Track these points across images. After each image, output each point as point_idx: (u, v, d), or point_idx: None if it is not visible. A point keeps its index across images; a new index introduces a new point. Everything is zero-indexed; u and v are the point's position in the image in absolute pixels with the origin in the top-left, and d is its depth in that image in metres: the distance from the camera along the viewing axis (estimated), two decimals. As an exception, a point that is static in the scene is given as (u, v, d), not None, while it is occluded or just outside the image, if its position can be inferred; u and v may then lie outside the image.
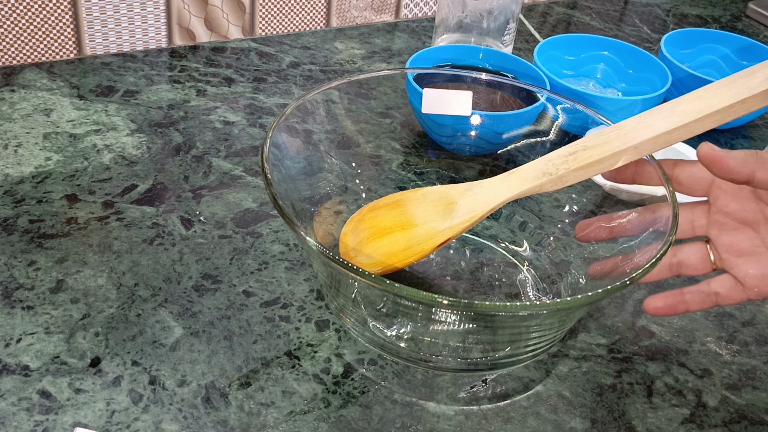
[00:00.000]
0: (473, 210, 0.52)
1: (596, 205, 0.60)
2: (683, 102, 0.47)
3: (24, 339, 0.51)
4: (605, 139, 0.48)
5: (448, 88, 0.64)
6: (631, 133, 0.47)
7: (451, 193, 0.53)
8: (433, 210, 0.53)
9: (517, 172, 0.51)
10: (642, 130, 0.47)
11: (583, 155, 0.48)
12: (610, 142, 0.48)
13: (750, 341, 0.57)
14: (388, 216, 0.55)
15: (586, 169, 0.48)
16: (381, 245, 0.54)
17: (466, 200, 0.52)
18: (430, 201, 0.54)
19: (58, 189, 0.63)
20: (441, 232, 0.52)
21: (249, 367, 0.50)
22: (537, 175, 0.50)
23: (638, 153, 0.48)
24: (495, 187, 0.51)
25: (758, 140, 0.81)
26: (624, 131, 0.48)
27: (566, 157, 0.49)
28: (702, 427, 0.50)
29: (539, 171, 0.50)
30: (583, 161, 0.48)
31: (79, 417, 0.46)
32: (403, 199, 0.55)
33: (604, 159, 0.48)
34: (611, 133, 0.48)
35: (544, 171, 0.49)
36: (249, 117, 0.75)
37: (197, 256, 0.58)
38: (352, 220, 0.56)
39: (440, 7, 0.80)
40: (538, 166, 0.50)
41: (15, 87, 0.76)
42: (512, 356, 0.51)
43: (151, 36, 0.84)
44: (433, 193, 0.54)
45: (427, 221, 0.53)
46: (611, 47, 0.84)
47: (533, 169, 0.50)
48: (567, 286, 0.57)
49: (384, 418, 0.48)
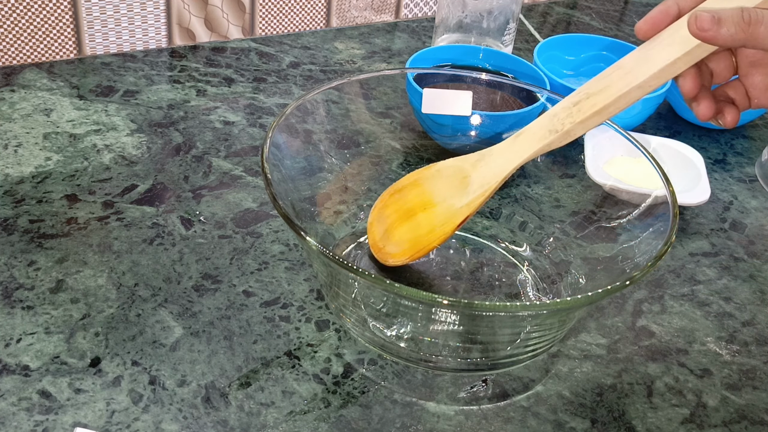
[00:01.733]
0: (487, 182, 0.52)
1: (596, 205, 0.60)
2: (682, 27, 0.44)
3: (24, 339, 0.51)
4: (607, 83, 0.46)
5: (448, 88, 0.64)
6: (632, 72, 0.45)
7: (464, 166, 0.53)
8: (450, 185, 0.53)
9: (524, 134, 0.50)
10: (643, 66, 0.45)
11: (587, 104, 0.47)
12: (613, 84, 0.46)
13: (750, 341, 0.57)
14: (409, 197, 0.55)
15: (593, 118, 0.47)
16: (407, 230, 0.54)
17: (478, 172, 0.52)
18: (445, 177, 0.54)
19: (58, 189, 0.63)
20: (459, 210, 0.52)
21: (249, 367, 0.50)
22: (544, 134, 0.49)
23: (643, 91, 0.46)
24: (505, 154, 0.51)
25: (758, 140, 0.81)
26: (625, 70, 0.46)
27: (570, 109, 0.47)
28: (702, 427, 0.50)
29: (545, 129, 0.49)
30: (588, 111, 0.47)
31: (79, 417, 0.46)
32: (420, 178, 0.55)
33: (609, 105, 0.46)
34: (612, 75, 0.46)
35: (551, 128, 0.48)
36: (249, 117, 0.75)
37: (197, 256, 0.58)
38: (376, 208, 0.57)
39: (440, 7, 0.80)
40: (543, 124, 0.49)
41: (15, 87, 0.76)
42: (512, 356, 0.51)
43: (151, 36, 0.84)
44: (447, 168, 0.54)
45: (446, 198, 0.53)
46: (611, 47, 0.84)
47: (540, 127, 0.49)
48: (567, 286, 0.57)
49: (384, 418, 0.48)
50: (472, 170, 0.52)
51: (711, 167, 0.75)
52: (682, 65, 0.44)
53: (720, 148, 0.79)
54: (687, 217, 0.68)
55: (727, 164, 0.76)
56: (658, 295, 0.60)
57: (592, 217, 0.59)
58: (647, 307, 0.58)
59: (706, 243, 0.66)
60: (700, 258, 0.64)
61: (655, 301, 0.59)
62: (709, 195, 0.65)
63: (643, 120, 0.77)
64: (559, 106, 0.48)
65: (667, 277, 0.61)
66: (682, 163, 0.68)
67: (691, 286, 0.61)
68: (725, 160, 0.77)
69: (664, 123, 0.82)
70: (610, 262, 0.55)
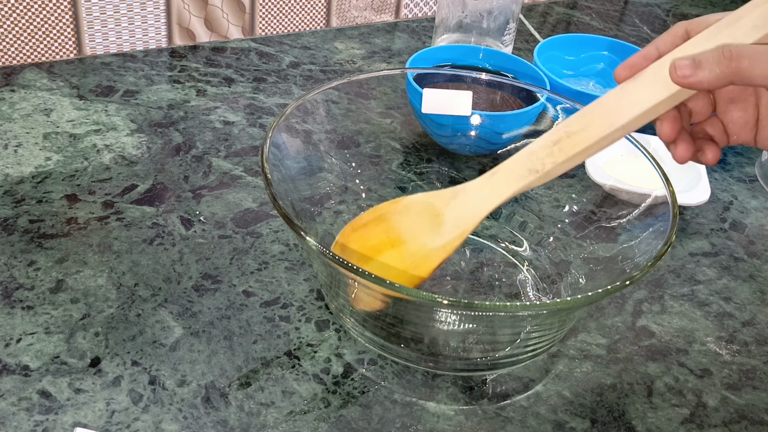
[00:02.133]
0: (463, 223, 0.49)
1: (596, 205, 0.60)
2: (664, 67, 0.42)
3: (24, 339, 0.51)
4: (588, 121, 0.45)
5: (448, 88, 0.64)
6: (614, 112, 0.44)
7: (435, 203, 0.50)
8: (420, 222, 0.50)
9: (500, 172, 0.48)
10: (626, 107, 0.43)
11: (568, 144, 0.45)
12: (594, 124, 0.44)
13: (750, 341, 0.57)
14: (374, 233, 0.52)
15: (574, 159, 0.45)
16: (373, 268, 0.49)
17: (453, 211, 0.49)
18: (414, 213, 0.51)
19: (58, 189, 0.63)
20: (434, 251, 0.49)
21: (249, 367, 0.50)
22: (523, 173, 0.47)
23: (625, 132, 0.44)
24: (481, 192, 0.49)
25: (758, 140, 0.81)
26: (606, 109, 0.44)
27: (551, 149, 0.45)
28: (702, 427, 0.50)
29: (525, 168, 0.46)
30: (570, 152, 0.45)
31: (79, 417, 0.46)
32: (385, 214, 0.52)
33: (590, 146, 0.44)
34: (594, 113, 0.45)
35: (530, 167, 0.46)
36: (249, 117, 0.75)
37: (197, 256, 0.58)
38: (337, 244, 0.53)
39: (440, 7, 0.80)
40: (522, 163, 0.47)
41: (15, 87, 0.76)
42: (512, 356, 0.51)
43: (151, 36, 0.84)
44: (415, 204, 0.51)
45: (416, 236, 0.50)
46: (611, 47, 0.84)
47: (518, 166, 0.47)
48: (567, 286, 0.57)
49: (384, 418, 0.48)
50: (445, 208, 0.50)
51: (711, 167, 0.75)
52: (665, 107, 0.43)
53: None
54: (687, 217, 0.68)
55: (727, 164, 0.76)
56: (658, 295, 0.60)
57: (592, 217, 0.59)
58: (647, 307, 0.58)
59: (706, 243, 0.66)
60: (700, 258, 0.64)
61: (655, 301, 0.59)
62: (709, 195, 0.65)
63: (643, 120, 0.77)
64: (537, 143, 0.46)
65: (667, 277, 0.61)
66: (682, 163, 0.68)
67: (691, 286, 0.61)
68: (725, 160, 0.77)
69: (664, 123, 0.82)
70: (610, 262, 0.55)
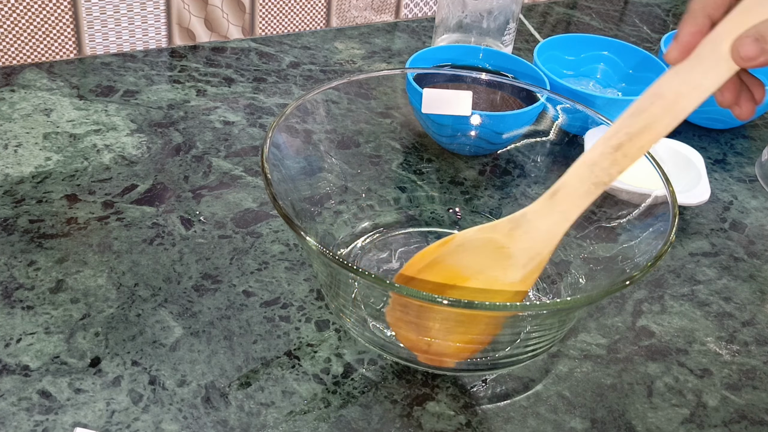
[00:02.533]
0: (537, 252, 0.45)
1: (596, 205, 0.60)
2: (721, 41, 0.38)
3: (24, 339, 0.51)
4: (650, 119, 0.40)
5: (448, 88, 0.64)
6: (678, 103, 0.40)
7: (496, 237, 0.46)
8: (483, 257, 0.46)
9: (563, 190, 0.43)
10: (689, 95, 0.39)
11: (632, 148, 0.41)
12: (658, 120, 0.40)
13: (750, 341, 0.57)
14: (434, 276, 0.47)
15: (637, 159, 0.41)
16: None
17: (520, 243, 0.46)
18: (473, 249, 0.47)
19: (58, 189, 0.63)
20: (512, 285, 0.46)
21: (249, 367, 0.50)
22: (588, 188, 0.43)
23: (680, 119, 0.40)
24: (547, 218, 0.44)
25: (758, 140, 0.81)
26: (668, 101, 0.40)
27: (613, 156, 0.41)
28: (702, 427, 0.50)
29: (588, 182, 0.43)
30: (636, 156, 0.41)
31: (79, 417, 0.46)
32: (438, 257, 0.47)
33: (654, 142, 0.41)
34: (653, 106, 0.40)
35: (595, 181, 0.42)
36: (249, 117, 0.75)
37: (197, 256, 0.58)
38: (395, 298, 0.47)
39: (440, 7, 0.80)
40: (585, 177, 0.43)
41: (15, 87, 0.76)
42: (512, 356, 0.51)
43: (151, 36, 0.84)
44: (472, 241, 0.47)
45: (482, 270, 0.46)
46: (611, 47, 0.84)
47: (581, 182, 0.43)
48: (567, 286, 0.57)
49: (384, 418, 0.48)
50: (508, 241, 0.46)
51: (711, 167, 0.75)
52: (725, 81, 0.39)
53: (720, 148, 0.79)
54: (687, 217, 0.68)
55: (727, 164, 0.76)
56: (658, 295, 0.60)
57: (592, 217, 0.59)
58: (647, 307, 0.58)
59: (706, 243, 0.66)
60: (700, 258, 0.64)
61: (655, 301, 0.59)
62: (709, 195, 0.65)
63: (643, 120, 0.77)
64: (596, 151, 0.42)
65: (667, 277, 0.61)
66: (682, 163, 0.68)
67: (691, 286, 0.61)
68: (725, 160, 0.77)
69: (664, 123, 0.82)
70: (610, 262, 0.55)
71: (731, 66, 0.38)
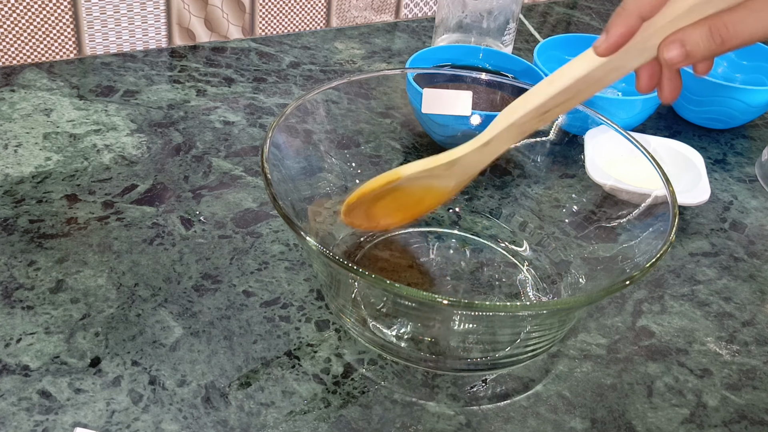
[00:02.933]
0: (469, 176, 0.53)
1: (596, 205, 0.60)
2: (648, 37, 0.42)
3: (24, 339, 0.51)
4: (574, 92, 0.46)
5: (448, 88, 0.64)
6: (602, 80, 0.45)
7: (436, 172, 0.52)
8: (422, 181, 0.53)
9: (495, 142, 0.50)
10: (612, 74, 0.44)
11: (555, 111, 0.47)
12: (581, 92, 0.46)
13: (750, 341, 0.57)
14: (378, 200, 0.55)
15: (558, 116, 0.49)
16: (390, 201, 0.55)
17: (455, 172, 0.53)
18: (415, 180, 0.53)
19: (58, 189, 0.63)
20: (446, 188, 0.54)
21: (249, 367, 0.50)
22: (516, 137, 0.50)
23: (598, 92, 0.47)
24: (479, 157, 0.51)
25: (758, 140, 0.81)
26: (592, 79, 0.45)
27: (541, 116, 0.48)
28: (702, 427, 0.50)
29: (517, 133, 0.49)
30: (558, 114, 0.49)
31: (79, 417, 0.46)
32: (384, 192, 0.54)
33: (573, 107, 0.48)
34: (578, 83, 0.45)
35: (521, 132, 0.49)
36: (249, 117, 0.75)
37: (197, 256, 0.58)
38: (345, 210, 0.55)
39: (440, 7, 0.80)
40: (515, 131, 0.49)
41: (15, 87, 0.76)
42: (512, 356, 0.51)
43: (151, 36, 0.84)
44: (415, 178, 0.53)
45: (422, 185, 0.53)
46: (611, 47, 0.84)
47: (511, 134, 0.49)
48: (567, 286, 0.57)
49: (384, 418, 0.48)
50: (446, 173, 0.53)
51: (711, 167, 0.75)
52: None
53: (720, 148, 0.79)
54: (687, 217, 0.68)
55: (727, 164, 0.76)
56: (658, 295, 0.60)
57: (592, 217, 0.59)
58: (647, 307, 0.58)
59: (706, 243, 0.66)
60: (700, 258, 0.64)
61: (655, 301, 0.59)
62: (709, 195, 0.65)
63: (643, 120, 0.77)
64: (526, 115, 0.47)
65: (667, 277, 0.61)
66: (682, 163, 0.68)
67: (691, 286, 0.61)
68: (725, 160, 0.77)
69: (664, 123, 0.82)
70: (610, 262, 0.55)
71: (653, 55, 0.42)
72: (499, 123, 0.49)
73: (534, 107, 0.47)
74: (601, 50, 0.43)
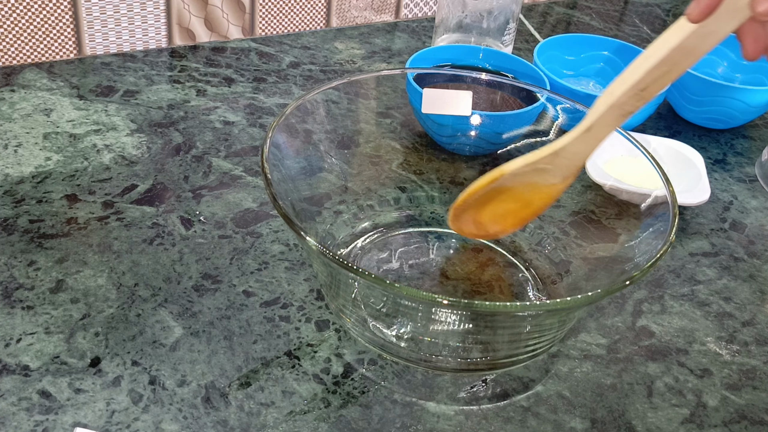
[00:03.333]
0: (576, 167, 0.51)
1: (596, 205, 0.60)
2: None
3: (24, 339, 0.51)
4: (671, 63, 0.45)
5: (448, 88, 0.64)
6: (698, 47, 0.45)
7: (540, 166, 0.52)
8: (527, 177, 0.52)
9: (597, 126, 0.49)
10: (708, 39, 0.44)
11: (654, 87, 0.46)
12: (678, 64, 0.45)
13: (750, 341, 0.57)
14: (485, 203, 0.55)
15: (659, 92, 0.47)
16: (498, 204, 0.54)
17: (560, 164, 0.51)
18: (521, 175, 0.53)
19: (58, 189, 0.63)
20: (554, 185, 0.53)
21: (249, 367, 0.50)
22: (618, 119, 0.48)
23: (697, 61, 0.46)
24: (583, 145, 0.50)
25: (758, 140, 0.81)
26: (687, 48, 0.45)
27: (639, 94, 0.46)
28: (702, 427, 0.50)
29: (618, 114, 0.48)
30: (658, 90, 0.46)
31: (79, 417, 0.46)
32: (488, 193, 0.54)
33: (674, 80, 0.46)
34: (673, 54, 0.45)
35: (623, 113, 0.48)
36: (249, 117, 0.75)
37: (197, 256, 0.58)
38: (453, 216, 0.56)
39: (440, 7, 0.80)
40: (616, 112, 0.48)
41: (15, 87, 0.76)
42: (512, 356, 0.51)
43: (151, 36, 0.84)
44: (518, 174, 0.52)
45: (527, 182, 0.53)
46: (611, 47, 0.84)
47: (612, 116, 0.48)
48: (567, 286, 0.57)
49: (384, 418, 0.48)
50: (551, 166, 0.52)
51: (711, 167, 0.75)
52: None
53: (720, 148, 0.79)
54: (687, 217, 0.68)
55: (727, 164, 0.76)
56: (658, 295, 0.60)
57: (592, 217, 0.59)
58: (647, 307, 0.58)
59: (706, 243, 0.66)
60: (700, 258, 0.64)
61: (655, 301, 0.59)
62: (709, 195, 0.65)
63: (643, 120, 0.77)
64: (620, 90, 0.47)
65: (667, 277, 0.61)
66: (682, 163, 0.68)
67: (691, 286, 0.61)
68: (725, 160, 0.77)
69: (664, 123, 0.82)
70: (610, 262, 0.55)
71: (746, 15, 0.42)
72: (599, 106, 0.48)
73: (632, 84, 0.46)
74: (694, 16, 0.42)
